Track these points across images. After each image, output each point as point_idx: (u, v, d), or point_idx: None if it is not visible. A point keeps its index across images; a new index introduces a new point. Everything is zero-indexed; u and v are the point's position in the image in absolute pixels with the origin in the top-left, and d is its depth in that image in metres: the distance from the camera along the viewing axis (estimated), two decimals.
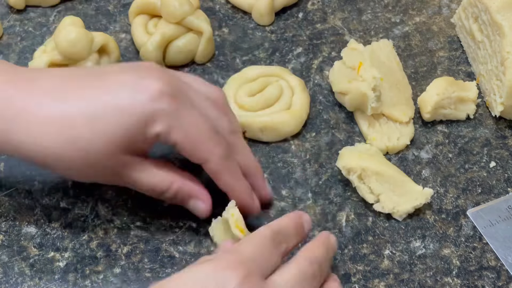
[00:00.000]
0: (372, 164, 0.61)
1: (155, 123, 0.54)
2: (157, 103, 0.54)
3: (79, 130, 0.53)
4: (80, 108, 0.54)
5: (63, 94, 0.54)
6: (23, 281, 0.58)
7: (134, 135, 0.54)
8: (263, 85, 0.68)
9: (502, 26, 0.65)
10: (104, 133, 0.53)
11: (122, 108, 0.53)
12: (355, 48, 0.68)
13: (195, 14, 0.70)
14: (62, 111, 0.54)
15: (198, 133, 0.55)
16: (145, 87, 0.54)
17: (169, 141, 0.55)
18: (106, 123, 0.53)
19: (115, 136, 0.54)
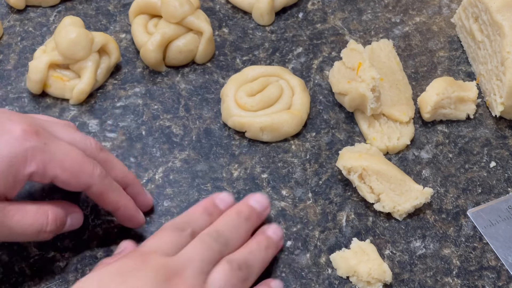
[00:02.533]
0: (372, 164, 0.61)
1: (27, 163, 0.53)
2: (25, 142, 0.53)
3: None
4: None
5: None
6: (23, 281, 0.58)
7: (4, 179, 0.52)
8: (263, 85, 0.68)
9: (502, 26, 0.65)
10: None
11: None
12: (354, 49, 0.68)
13: (195, 14, 0.70)
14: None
15: (73, 161, 0.55)
16: (8, 130, 0.53)
17: (46, 177, 0.54)
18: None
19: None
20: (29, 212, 0.54)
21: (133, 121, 0.68)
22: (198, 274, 0.51)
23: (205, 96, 0.70)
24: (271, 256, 0.57)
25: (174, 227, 0.55)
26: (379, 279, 0.57)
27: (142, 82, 0.71)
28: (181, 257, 0.52)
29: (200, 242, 0.53)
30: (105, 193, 0.57)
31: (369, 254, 0.58)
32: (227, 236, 0.55)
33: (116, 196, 0.58)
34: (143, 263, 0.51)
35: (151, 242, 0.54)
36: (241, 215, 0.57)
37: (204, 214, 0.57)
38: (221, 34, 0.75)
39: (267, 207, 0.59)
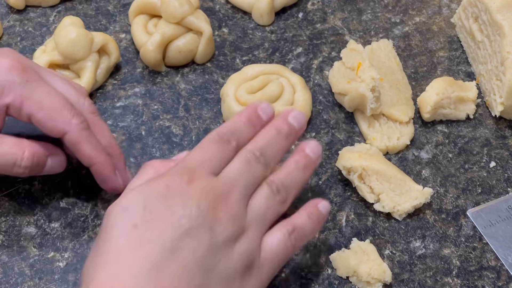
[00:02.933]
0: (372, 163, 0.61)
1: (4, 93, 0.55)
2: (7, 75, 0.55)
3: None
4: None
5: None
6: (23, 281, 0.58)
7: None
8: (263, 83, 0.68)
9: (502, 26, 0.65)
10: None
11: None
12: (354, 49, 0.68)
13: (195, 14, 0.70)
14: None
15: (52, 103, 0.56)
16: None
17: (23, 113, 0.55)
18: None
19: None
20: (5, 143, 0.56)
21: (133, 121, 0.68)
22: (241, 198, 0.52)
23: (205, 96, 0.70)
24: (308, 176, 0.57)
25: (219, 138, 0.54)
26: (379, 279, 0.57)
27: (142, 82, 0.71)
28: (227, 179, 0.52)
29: (244, 161, 0.53)
30: (81, 143, 0.57)
31: (369, 254, 0.59)
32: (269, 155, 0.55)
33: (93, 150, 0.57)
34: (190, 183, 0.50)
35: (197, 155, 0.53)
36: (281, 133, 0.56)
37: (248, 125, 0.56)
38: (221, 34, 0.75)
39: (304, 125, 0.58)
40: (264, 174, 0.54)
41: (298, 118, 0.58)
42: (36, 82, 0.56)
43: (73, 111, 0.56)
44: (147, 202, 0.49)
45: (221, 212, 0.50)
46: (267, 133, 0.56)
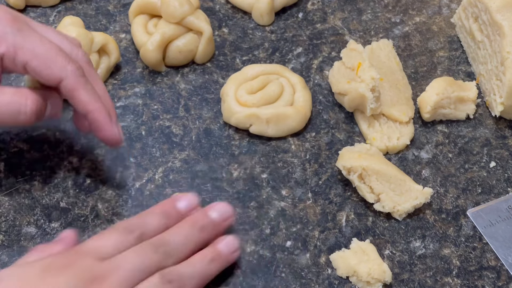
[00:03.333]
0: (372, 163, 0.61)
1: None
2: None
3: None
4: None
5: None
6: None
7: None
8: (263, 83, 0.68)
9: (502, 26, 0.65)
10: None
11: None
12: (354, 49, 0.68)
13: (195, 14, 0.70)
14: None
15: (46, 51, 0.55)
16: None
17: (17, 62, 0.55)
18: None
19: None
20: (6, 93, 0.55)
21: (133, 121, 0.68)
22: (122, 282, 0.50)
23: (204, 96, 0.70)
24: (215, 270, 0.55)
25: (123, 228, 0.53)
26: (379, 279, 0.57)
27: (142, 82, 0.71)
28: (111, 263, 0.50)
29: (139, 249, 0.52)
30: (77, 90, 0.56)
31: (369, 254, 0.59)
32: (173, 247, 0.53)
33: (89, 96, 0.57)
34: (70, 264, 0.49)
35: (92, 241, 0.52)
36: (195, 226, 0.55)
37: (161, 216, 0.55)
38: (221, 34, 0.75)
39: (228, 217, 0.57)
40: (161, 264, 0.52)
41: (221, 211, 0.57)
42: (28, 31, 0.55)
43: (68, 58, 0.56)
44: (25, 274, 0.49)
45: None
46: (178, 225, 0.55)
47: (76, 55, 0.58)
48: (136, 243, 0.52)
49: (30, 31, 0.56)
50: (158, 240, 0.53)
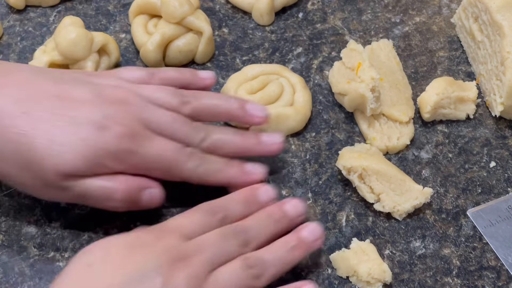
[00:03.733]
0: (372, 163, 0.61)
1: (117, 162, 0.55)
2: (120, 143, 0.54)
3: (36, 155, 0.53)
4: (41, 130, 0.54)
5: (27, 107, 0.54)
6: (23, 281, 0.58)
7: (91, 168, 0.54)
8: (263, 83, 0.68)
9: (502, 26, 0.65)
10: (62, 162, 0.53)
11: (86, 143, 0.54)
12: (354, 49, 0.68)
13: (195, 14, 0.70)
14: (21, 130, 0.53)
15: (165, 162, 0.57)
16: (107, 126, 0.54)
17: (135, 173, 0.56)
18: (66, 152, 0.53)
19: (73, 166, 0.54)
20: (100, 177, 0.55)
21: None
22: (204, 263, 0.51)
23: None
24: (297, 257, 0.56)
25: (207, 209, 0.55)
26: (379, 279, 0.57)
27: None
28: (196, 243, 0.52)
29: (221, 233, 0.54)
30: (202, 180, 0.58)
31: (369, 254, 0.59)
32: (251, 234, 0.55)
33: (217, 177, 0.58)
34: (156, 241, 0.51)
35: (178, 220, 0.55)
36: (271, 218, 0.57)
37: (243, 203, 0.57)
38: (221, 34, 0.75)
39: (302, 214, 0.58)
40: (240, 251, 0.53)
41: (296, 206, 0.58)
42: (147, 145, 0.56)
43: (184, 158, 0.57)
44: (111, 248, 0.51)
45: (179, 270, 0.50)
46: (257, 214, 0.57)
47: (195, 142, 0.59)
48: (218, 226, 0.54)
49: (148, 144, 0.56)
50: (239, 227, 0.55)
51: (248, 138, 0.61)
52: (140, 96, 0.58)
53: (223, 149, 0.60)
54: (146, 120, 0.57)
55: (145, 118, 0.57)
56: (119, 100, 0.56)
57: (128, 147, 0.55)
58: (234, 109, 0.61)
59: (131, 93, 0.58)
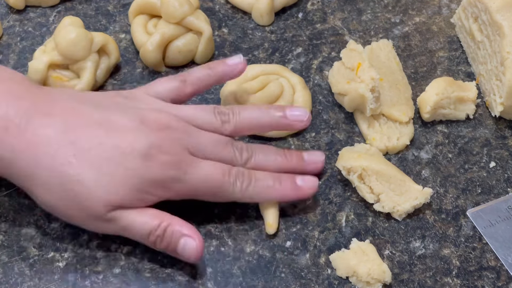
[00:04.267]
0: (372, 164, 0.61)
1: (164, 190, 0.56)
2: (166, 171, 0.55)
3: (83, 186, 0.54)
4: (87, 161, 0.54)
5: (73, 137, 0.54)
6: (23, 281, 0.58)
7: (138, 197, 0.55)
8: (263, 83, 0.68)
9: (502, 26, 0.65)
10: (109, 193, 0.54)
11: (132, 173, 0.54)
12: (354, 49, 0.68)
13: (195, 14, 0.70)
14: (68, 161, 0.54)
15: (211, 186, 0.57)
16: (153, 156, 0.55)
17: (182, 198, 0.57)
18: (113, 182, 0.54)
19: (119, 197, 0.54)
20: (146, 214, 0.55)
21: None
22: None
23: (204, 96, 0.70)
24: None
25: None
26: (379, 279, 0.57)
27: (142, 82, 0.71)
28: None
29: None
30: (254, 199, 0.59)
31: (368, 254, 0.59)
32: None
33: (268, 195, 0.59)
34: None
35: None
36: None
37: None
38: (220, 34, 0.75)
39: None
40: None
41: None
42: (193, 171, 0.56)
43: (231, 180, 0.58)
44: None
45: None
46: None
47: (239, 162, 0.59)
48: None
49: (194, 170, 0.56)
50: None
51: (291, 157, 0.62)
52: (182, 120, 0.58)
53: (266, 168, 0.60)
54: (190, 145, 0.57)
55: (189, 144, 0.57)
56: (162, 126, 0.57)
57: (174, 175, 0.55)
58: (276, 119, 0.61)
59: (172, 117, 0.58)
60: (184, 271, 0.59)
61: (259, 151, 0.61)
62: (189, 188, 0.57)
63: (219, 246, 0.60)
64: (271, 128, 0.63)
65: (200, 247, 0.56)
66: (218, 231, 0.61)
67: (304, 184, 0.60)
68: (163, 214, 0.56)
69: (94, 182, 0.54)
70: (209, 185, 0.57)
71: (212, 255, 0.60)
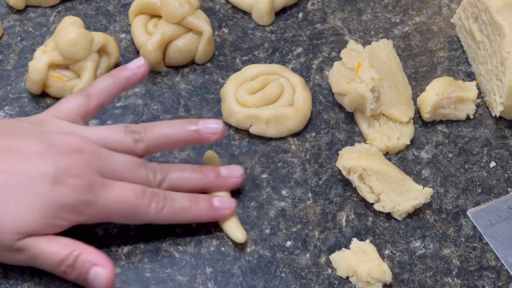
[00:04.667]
0: (372, 163, 0.61)
1: (77, 215, 0.54)
2: (77, 195, 0.54)
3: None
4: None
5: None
6: (23, 281, 0.58)
7: (49, 222, 0.53)
8: (263, 83, 0.68)
9: (502, 26, 0.65)
10: (18, 220, 0.53)
11: (41, 198, 0.53)
12: (354, 49, 0.68)
13: (195, 14, 0.70)
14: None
15: (126, 208, 0.56)
16: (61, 181, 0.53)
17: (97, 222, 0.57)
18: (22, 209, 0.53)
19: (29, 223, 0.53)
20: (57, 243, 0.54)
21: (133, 121, 0.68)
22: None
23: (205, 96, 0.70)
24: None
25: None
26: (379, 279, 0.57)
27: (142, 82, 0.71)
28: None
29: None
30: (169, 221, 0.58)
31: (369, 254, 0.59)
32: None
33: (184, 216, 0.58)
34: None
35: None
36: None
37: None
38: (221, 34, 0.75)
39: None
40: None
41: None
42: (106, 194, 0.55)
43: (146, 202, 0.56)
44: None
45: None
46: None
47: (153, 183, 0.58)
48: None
49: (107, 193, 0.55)
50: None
51: (207, 173, 0.60)
52: (92, 142, 0.57)
53: (183, 187, 0.59)
54: (101, 168, 0.56)
55: (100, 166, 0.56)
56: (72, 150, 0.55)
57: (86, 199, 0.54)
58: (189, 133, 0.60)
59: (82, 139, 0.56)
60: (184, 271, 0.59)
61: (173, 170, 0.59)
62: (102, 211, 0.55)
63: (219, 246, 0.60)
64: (185, 143, 0.61)
65: (111, 276, 0.54)
66: (218, 231, 0.61)
67: (221, 205, 0.59)
68: (75, 243, 0.54)
69: (2, 210, 0.52)
70: (123, 207, 0.56)
71: (212, 255, 0.60)
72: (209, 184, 0.60)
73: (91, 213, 0.55)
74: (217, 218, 0.60)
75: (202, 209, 0.59)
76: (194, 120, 0.61)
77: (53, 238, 0.54)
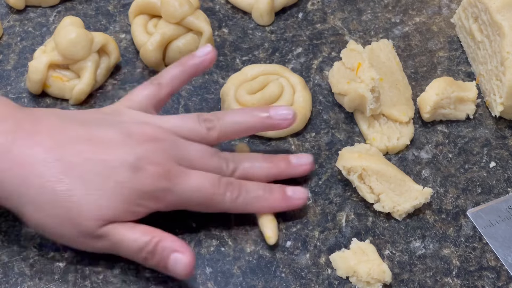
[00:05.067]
0: (372, 164, 0.61)
1: (155, 201, 0.55)
2: (156, 183, 0.55)
3: (73, 202, 0.53)
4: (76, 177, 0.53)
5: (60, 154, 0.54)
6: (23, 281, 0.58)
7: (129, 209, 0.54)
8: (263, 83, 0.68)
9: (502, 26, 0.65)
10: (100, 207, 0.54)
11: (122, 185, 0.54)
12: (354, 49, 0.68)
13: (195, 14, 0.70)
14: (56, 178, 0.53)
15: (201, 197, 0.57)
16: (143, 168, 0.55)
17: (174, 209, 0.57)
18: (103, 196, 0.54)
19: (111, 210, 0.54)
20: (137, 230, 0.55)
21: None
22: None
23: (204, 96, 0.70)
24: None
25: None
26: (379, 279, 0.57)
27: (142, 82, 0.70)
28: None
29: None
30: (244, 210, 0.59)
31: (368, 254, 0.59)
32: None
33: (258, 205, 0.59)
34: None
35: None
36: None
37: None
38: (220, 34, 0.75)
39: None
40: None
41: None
42: (182, 182, 0.56)
43: (221, 191, 0.57)
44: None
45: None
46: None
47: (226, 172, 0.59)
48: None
49: (184, 181, 0.56)
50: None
51: (278, 162, 0.61)
52: (167, 131, 0.58)
53: (254, 176, 0.60)
54: (178, 156, 0.57)
55: (176, 155, 0.57)
56: (149, 138, 0.56)
57: (164, 186, 0.55)
58: (261, 120, 0.61)
59: (158, 128, 0.58)
60: None
61: (245, 160, 0.60)
62: (179, 199, 0.56)
63: (219, 246, 0.60)
64: (256, 129, 0.62)
65: (191, 262, 0.54)
66: (218, 231, 0.61)
67: (294, 195, 0.60)
68: (154, 230, 0.55)
69: (84, 198, 0.53)
70: (199, 196, 0.57)
71: (212, 255, 0.60)
72: (280, 173, 0.61)
73: (168, 200, 0.56)
74: (290, 208, 0.61)
75: (275, 198, 0.59)
76: (265, 107, 0.62)
77: (133, 225, 0.55)
